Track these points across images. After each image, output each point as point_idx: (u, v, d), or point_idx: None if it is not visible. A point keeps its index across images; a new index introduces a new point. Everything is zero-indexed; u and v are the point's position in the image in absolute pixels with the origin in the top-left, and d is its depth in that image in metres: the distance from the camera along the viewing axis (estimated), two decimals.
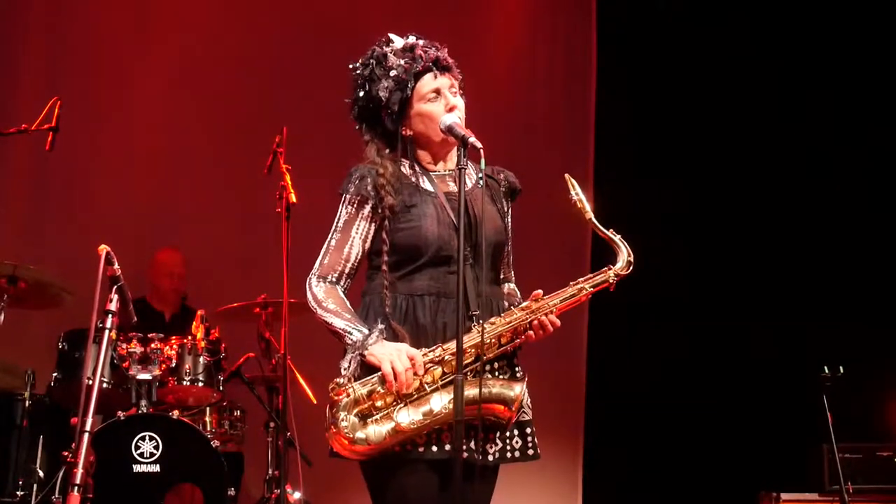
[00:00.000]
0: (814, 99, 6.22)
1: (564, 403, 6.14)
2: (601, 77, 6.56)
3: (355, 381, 2.52)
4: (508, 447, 2.63)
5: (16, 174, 5.81)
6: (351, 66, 2.75)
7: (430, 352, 2.53)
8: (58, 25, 6.09)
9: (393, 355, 2.49)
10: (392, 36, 2.75)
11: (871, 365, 4.81)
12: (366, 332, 2.54)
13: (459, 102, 2.68)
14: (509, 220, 2.83)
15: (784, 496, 5.04)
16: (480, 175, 2.69)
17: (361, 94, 2.71)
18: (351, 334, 2.55)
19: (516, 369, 2.66)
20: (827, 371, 4.63)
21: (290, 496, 4.74)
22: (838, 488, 4.72)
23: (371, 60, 2.71)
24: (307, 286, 2.68)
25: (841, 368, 4.62)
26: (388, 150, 2.72)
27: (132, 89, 6.09)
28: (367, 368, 2.53)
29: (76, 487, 2.55)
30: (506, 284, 2.81)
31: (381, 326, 2.55)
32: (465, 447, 2.49)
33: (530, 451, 2.66)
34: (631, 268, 2.70)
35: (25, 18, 6.06)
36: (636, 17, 6.43)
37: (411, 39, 2.73)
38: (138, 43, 6.17)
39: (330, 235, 2.70)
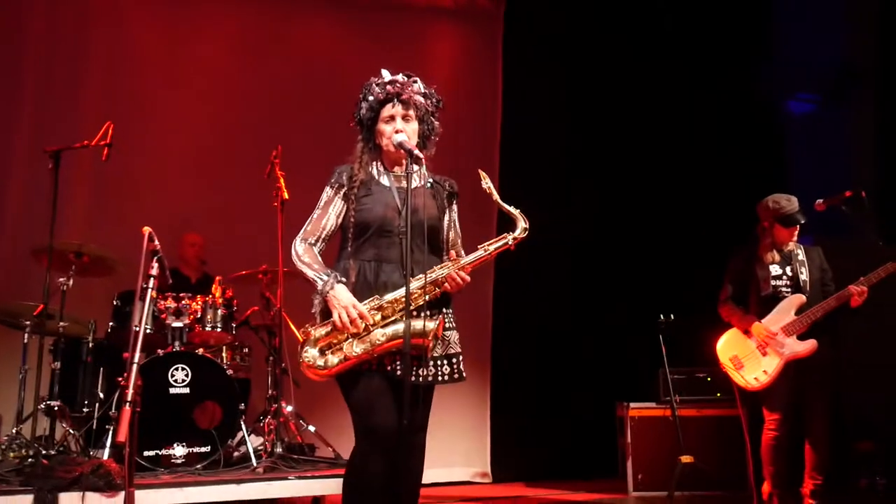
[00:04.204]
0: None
1: (477, 340, 6.25)
2: (506, 97, 6.60)
3: (319, 322, 2.71)
4: (440, 372, 2.75)
5: (81, 177, 5.75)
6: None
7: (371, 301, 2.71)
8: (111, 63, 6.08)
9: (346, 306, 2.65)
10: (384, 71, 2.92)
11: (693, 311, 4.79)
12: (326, 278, 2.70)
13: (406, 127, 2.83)
14: (455, 215, 2.95)
15: (633, 405, 5.46)
16: (429, 180, 2.83)
17: (357, 108, 2.89)
18: (317, 281, 2.73)
19: (441, 315, 2.77)
20: (662, 318, 4.89)
21: (284, 409, 4.98)
22: (669, 399, 5.05)
23: (366, 87, 2.90)
24: (293, 245, 2.84)
25: (672, 315, 4.88)
26: (366, 150, 2.88)
27: (168, 117, 6.12)
28: (329, 313, 2.70)
29: (128, 404, 2.60)
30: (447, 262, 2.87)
31: (335, 274, 2.72)
32: (401, 369, 2.65)
33: (456, 375, 2.81)
34: (527, 233, 2.79)
35: (85, 56, 6.03)
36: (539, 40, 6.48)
37: (398, 77, 2.88)
38: (172, 82, 6.16)
39: (314, 211, 2.87)
